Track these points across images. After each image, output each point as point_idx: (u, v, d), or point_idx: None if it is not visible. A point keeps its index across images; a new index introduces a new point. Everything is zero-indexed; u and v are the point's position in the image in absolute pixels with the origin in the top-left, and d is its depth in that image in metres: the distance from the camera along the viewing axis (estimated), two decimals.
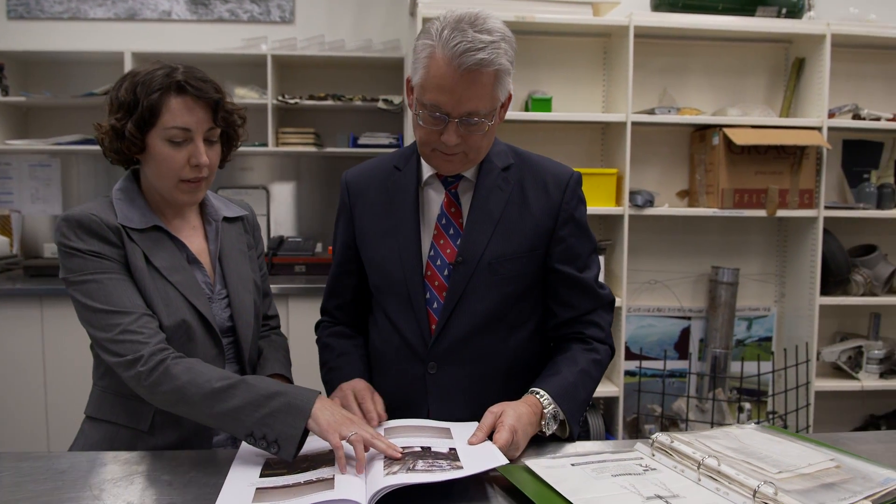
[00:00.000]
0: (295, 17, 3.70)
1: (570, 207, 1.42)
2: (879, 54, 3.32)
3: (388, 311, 1.44)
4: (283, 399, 1.15)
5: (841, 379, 3.24)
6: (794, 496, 1.02)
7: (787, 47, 3.28)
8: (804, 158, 3.06)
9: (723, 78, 3.30)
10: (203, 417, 1.18)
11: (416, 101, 1.32)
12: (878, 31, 3.09)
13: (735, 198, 3.06)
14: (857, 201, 3.23)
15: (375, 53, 3.53)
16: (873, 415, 3.46)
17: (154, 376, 1.18)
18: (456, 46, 1.22)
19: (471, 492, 1.10)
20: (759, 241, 3.37)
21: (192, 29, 3.63)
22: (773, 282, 3.40)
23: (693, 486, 1.10)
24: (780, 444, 1.25)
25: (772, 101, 3.31)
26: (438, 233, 1.41)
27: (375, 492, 1.01)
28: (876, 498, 1.06)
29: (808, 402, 3.13)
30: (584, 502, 1.01)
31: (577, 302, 1.43)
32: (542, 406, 1.28)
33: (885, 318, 3.34)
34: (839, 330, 3.43)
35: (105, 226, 1.27)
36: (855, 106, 3.17)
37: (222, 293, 1.40)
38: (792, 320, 3.31)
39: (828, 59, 3.02)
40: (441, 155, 1.34)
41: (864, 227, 3.34)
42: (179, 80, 1.26)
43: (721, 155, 3.03)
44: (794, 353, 3.17)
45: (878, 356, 3.23)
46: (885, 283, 3.23)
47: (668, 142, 3.30)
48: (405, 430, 1.26)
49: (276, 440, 1.13)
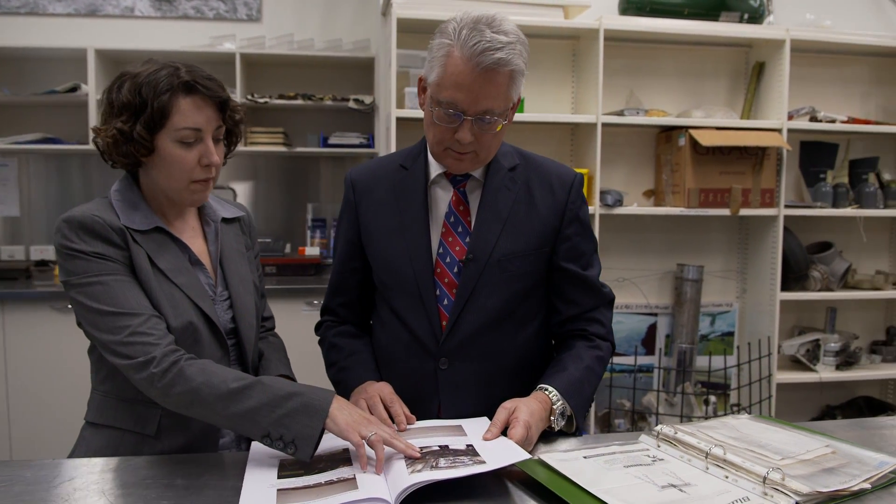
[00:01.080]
0: (262, 15, 3.66)
1: (575, 207, 1.46)
2: (835, 59, 3.46)
3: (397, 309, 1.45)
4: (300, 399, 1.14)
5: (800, 371, 3.36)
6: (800, 481, 1.07)
7: (748, 51, 3.39)
8: (765, 159, 3.18)
9: (686, 80, 3.40)
10: (218, 419, 1.16)
11: (430, 99, 1.34)
12: (834, 36, 3.23)
13: (701, 197, 3.15)
14: (814, 200, 3.36)
15: (345, 53, 3.52)
16: (829, 405, 3.61)
17: (168, 377, 1.16)
18: (475, 46, 1.25)
19: (490, 488, 1.11)
20: (722, 238, 3.48)
21: (156, 26, 3.57)
22: (735, 278, 3.51)
23: (702, 475, 1.14)
24: (776, 433, 1.30)
25: (733, 104, 3.41)
26: (447, 230, 1.43)
27: (402, 490, 1.02)
28: (873, 480, 1.12)
29: (770, 394, 3.25)
30: (603, 493, 1.04)
31: (580, 299, 1.47)
32: (551, 402, 1.31)
33: (841, 312, 3.49)
34: (797, 324, 3.56)
35: (108, 227, 1.24)
36: (812, 108, 3.30)
37: (224, 294, 1.38)
38: (753, 315, 3.43)
39: (787, 63, 3.14)
40: (454, 154, 1.36)
41: (820, 225, 3.48)
42: (187, 79, 1.24)
43: (687, 155, 3.12)
44: (757, 347, 3.28)
45: (835, 349, 3.37)
46: (840, 278, 3.37)
47: (635, 142, 3.38)
48: (420, 432, 1.27)
49: (293, 440, 1.12)
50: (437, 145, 1.37)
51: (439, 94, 1.31)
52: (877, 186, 3.36)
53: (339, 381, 1.49)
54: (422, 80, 1.39)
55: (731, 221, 3.46)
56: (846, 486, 1.08)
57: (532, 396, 1.32)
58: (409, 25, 2.94)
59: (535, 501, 1.08)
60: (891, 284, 3.41)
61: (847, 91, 3.52)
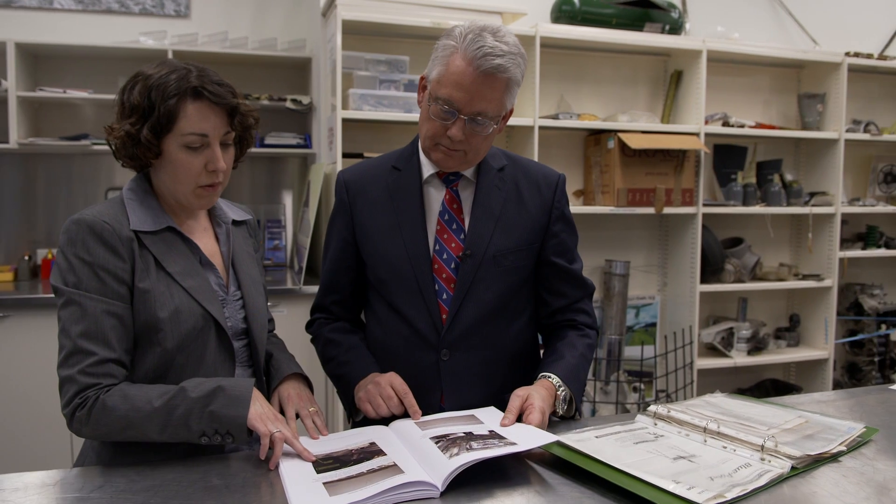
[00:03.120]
0: (191, 12, 3.57)
1: (561, 206, 1.55)
2: (741, 68, 3.76)
3: (396, 304, 1.50)
4: (223, 393, 1.19)
5: (716, 357, 3.63)
6: (790, 447, 1.21)
7: (667, 60, 3.63)
8: (686, 161, 3.42)
9: (612, 86, 3.60)
10: (154, 436, 1.19)
11: (428, 95, 1.40)
12: (746, 48, 3.51)
13: (628, 197, 3.35)
14: (727, 199, 3.63)
15: (281, 52, 3.49)
16: (740, 388, 3.91)
17: (93, 415, 1.17)
18: (478, 49, 1.33)
19: (511, 471, 1.18)
20: (645, 235, 3.70)
21: (77, 19, 3.40)
22: (657, 272, 3.75)
23: (702, 447, 1.26)
24: (754, 408, 1.45)
25: (653, 108, 3.64)
26: (442, 228, 1.49)
27: (450, 473, 1.07)
28: (848, 442, 1.27)
29: (692, 379, 3.49)
30: (626, 467, 1.13)
31: (568, 291, 1.57)
32: (555, 388, 1.40)
33: (752, 301, 3.80)
34: (711, 314, 3.84)
35: (116, 236, 1.22)
36: (724, 114, 3.58)
37: (236, 295, 1.38)
38: (673, 307, 3.67)
39: (704, 71, 3.38)
40: (443, 150, 1.43)
41: (732, 222, 3.77)
42: (195, 85, 1.23)
43: (616, 158, 3.31)
44: (680, 337, 3.52)
45: (746, 336, 3.66)
46: (750, 271, 3.66)
47: (565, 145, 3.55)
48: (439, 422, 1.32)
49: (227, 431, 1.18)
50: (428, 140, 1.44)
51: (438, 90, 1.38)
52: (780, 186, 3.68)
53: (340, 375, 1.52)
54: (423, 79, 1.45)
55: (653, 219, 3.68)
56: (827, 450, 1.23)
57: (538, 384, 1.40)
58: (352, 27, 2.97)
59: (560, 477, 1.16)
60: (793, 275, 3.74)
61: (752, 98, 3.83)
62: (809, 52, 3.71)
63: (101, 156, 3.44)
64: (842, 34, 3.95)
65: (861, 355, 3.88)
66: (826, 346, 3.74)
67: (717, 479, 1.11)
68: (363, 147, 3.09)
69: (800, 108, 3.77)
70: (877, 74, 4.00)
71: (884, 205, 3.92)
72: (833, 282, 3.70)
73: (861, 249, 3.87)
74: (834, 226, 3.69)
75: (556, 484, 1.14)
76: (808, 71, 3.83)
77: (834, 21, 3.97)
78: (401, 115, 2.99)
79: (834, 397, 1.67)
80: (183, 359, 1.26)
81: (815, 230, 3.75)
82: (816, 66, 3.74)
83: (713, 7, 3.77)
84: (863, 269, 4.05)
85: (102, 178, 3.51)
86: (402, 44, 3.18)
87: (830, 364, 3.75)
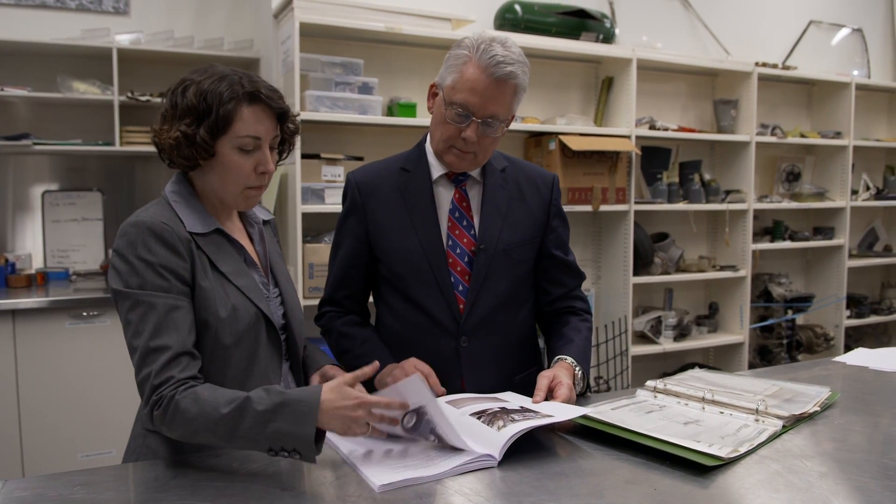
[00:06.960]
0: (130, 9, 3.49)
1: (558, 203, 1.71)
2: (663, 76, 4.06)
3: (413, 296, 1.60)
4: (287, 410, 1.13)
5: (647, 344, 3.91)
6: (778, 409, 1.40)
7: (597, 67, 3.87)
8: (619, 162, 3.66)
9: (548, 91, 3.80)
10: (223, 445, 1.18)
11: (442, 101, 1.52)
12: (669, 57, 3.80)
13: (569, 195, 3.56)
14: (653, 197, 3.91)
15: (228, 52, 3.47)
16: (665, 372, 4.21)
17: (168, 416, 1.16)
18: (491, 58, 1.47)
19: (547, 443, 1.31)
20: (580, 231, 3.93)
21: (9, 14, 3.26)
22: (591, 266, 3.98)
23: (702, 413, 1.43)
24: (734, 379, 1.64)
25: (586, 112, 3.87)
26: (453, 224, 1.60)
27: (505, 443, 1.19)
28: (820, 403, 1.48)
29: (627, 366, 3.74)
30: (650, 431, 1.28)
31: (566, 280, 1.72)
32: (573, 368, 1.54)
33: (676, 292, 4.10)
34: (640, 304, 4.12)
35: (177, 236, 1.25)
36: (651, 118, 3.86)
37: (276, 292, 1.44)
38: (607, 298, 3.91)
39: (634, 78, 3.64)
40: (457, 152, 1.55)
41: (658, 218, 4.06)
42: (251, 90, 1.28)
43: (557, 158, 3.51)
44: (614, 326, 3.76)
45: (672, 323, 3.95)
46: (675, 263, 3.96)
47: (506, 146, 3.71)
48: (469, 401, 1.42)
49: (294, 449, 1.13)
50: (443, 143, 1.55)
51: (453, 96, 1.50)
52: (700, 185, 4.00)
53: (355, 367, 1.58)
54: (433, 87, 1.57)
55: (587, 216, 3.91)
56: (806, 410, 1.43)
57: (558, 365, 1.54)
58: (308, 30, 3.01)
59: (591, 444, 1.30)
60: (712, 267, 4.07)
61: (672, 103, 4.15)
62: (724, 61, 4.05)
63: (40, 156, 3.31)
64: (750, 45, 4.34)
65: (771, 339, 4.27)
66: (742, 331, 4.10)
67: (726, 437, 1.29)
68: (318, 148, 3.14)
69: (715, 113, 4.11)
70: (781, 82, 4.41)
71: (788, 201, 4.33)
72: (747, 272, 4.05)
73: (770, 242, 4.25)
74: (747, 221, 4.04)
75: (591, 450, 1.28)
76: (722, 79, 4.17)
77: (744, 33, 4.35)
78: (356, 116, 3.06)
79: (789, 370, 1.90)
80: (238, 353, 1.31)
81: (731, 225, 4.10)
82: (729, 75, 4.09)
83: (638, 18, 4.05)
84: (770, 260, 4.46)
85: (39, 179, 3.38)
86: (354, 46, 3.24)
87: (746, 347, 4.10)
